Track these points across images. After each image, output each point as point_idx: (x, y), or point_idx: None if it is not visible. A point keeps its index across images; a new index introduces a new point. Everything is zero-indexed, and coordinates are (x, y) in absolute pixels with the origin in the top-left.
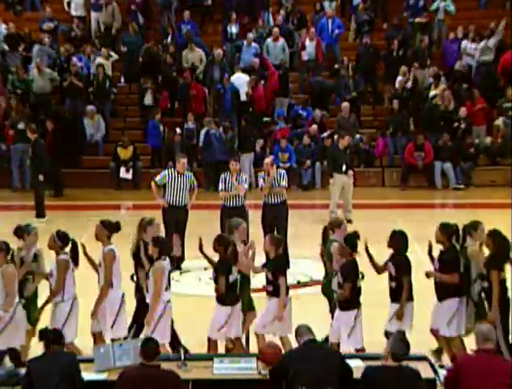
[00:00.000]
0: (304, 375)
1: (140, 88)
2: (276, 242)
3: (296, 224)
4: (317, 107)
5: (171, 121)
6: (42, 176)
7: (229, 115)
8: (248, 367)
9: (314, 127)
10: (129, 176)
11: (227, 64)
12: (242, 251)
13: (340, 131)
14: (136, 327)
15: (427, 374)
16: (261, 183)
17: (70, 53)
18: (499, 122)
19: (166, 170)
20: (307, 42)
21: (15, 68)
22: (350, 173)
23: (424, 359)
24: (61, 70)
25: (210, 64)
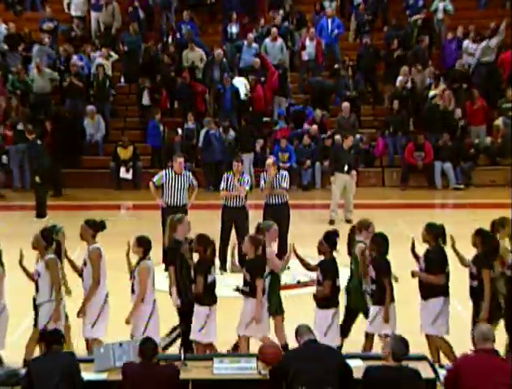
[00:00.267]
0: (304, 375)
1: (139, 88)
2: (256, 243)
3: (296, 224)
4: (317, 107)
5: (171, 121)
6: (38, 177)
7: (229, 115)
8: (248, 367)
9: (315, 127)
10: (129, 176)
11: (227, 64)
12: (273, 251)
13: (342, 131)
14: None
15: (427, 374)
16: (262, 184)
17: (70, 53)
18: (499, 122)
19: (163, 170)
20: (307, 42)
21: (16, 69)
22: (353, 174)
23: (424, 359)
24: (61, 70)
25: (210, 64)
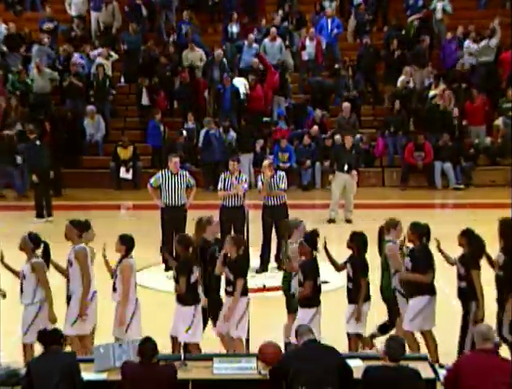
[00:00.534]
0: (304, 375)
1: (138, 88)
2: (237, 243)
3: None
4: (317, 107)
5: (171, 121)
6: (35, 177)
7: (229, 115)
8: (248, 367)
9: (315, 128)
10: (129, 176)
11: (227, 64)
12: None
13: (342, 131)
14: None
15: (427, 374)
16: (259, 185)
17: (70, 53)
18: (499, 122)
19: (160, 172)
20: (307, 42)
21: (17, 69)
22: (354, 173)
23: (424, 359)
24: (60, 70)
25: (209, 64)
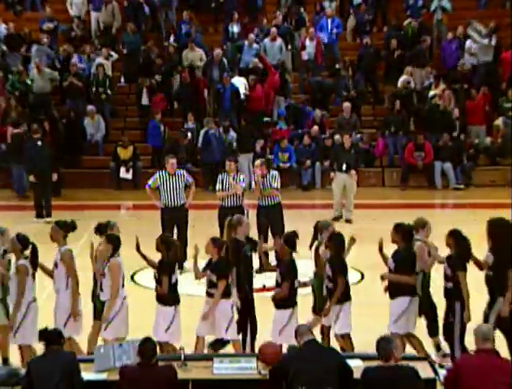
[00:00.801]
0: (304, 375)
1: (138, 88)
2: (219, 245)
3: (296, 224)
4: (317, 107)
5: (171, 121)
6: (33, 177)
7: (229, 115)
8: (248, 367)
9: (315, 128)
10: (129, 176)
11: (227, 64)
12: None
13: (341, 131)
14: (243, 325)
15: (427, 374)
16: (252, 184)
17: (70, 53)
18: (499, 122)
19: (157, 173)
20: (307, 42)
21: (17, 69)
22: (352, 173)
23: (424, 359)
24: (61, 70)
25: (209, 64)
